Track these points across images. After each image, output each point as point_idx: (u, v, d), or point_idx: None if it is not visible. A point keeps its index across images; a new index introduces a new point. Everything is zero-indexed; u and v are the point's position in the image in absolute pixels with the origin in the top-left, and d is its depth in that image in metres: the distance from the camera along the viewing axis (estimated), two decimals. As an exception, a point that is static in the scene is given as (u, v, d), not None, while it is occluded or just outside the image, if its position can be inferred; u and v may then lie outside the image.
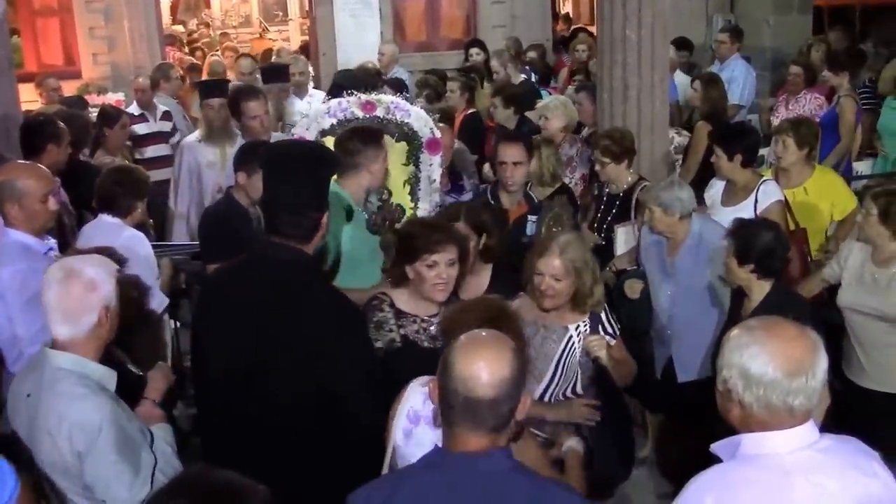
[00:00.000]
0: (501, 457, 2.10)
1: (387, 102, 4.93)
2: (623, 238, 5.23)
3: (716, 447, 2.18)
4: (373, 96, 4.97)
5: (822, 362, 2.09)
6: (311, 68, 8.48)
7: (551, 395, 3.66)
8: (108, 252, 3.49)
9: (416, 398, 2.70)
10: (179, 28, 15.58)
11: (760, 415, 2.08)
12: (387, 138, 4.69)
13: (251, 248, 3.11)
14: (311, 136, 4.83)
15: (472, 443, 2.08)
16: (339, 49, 11.11)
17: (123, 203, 4.58)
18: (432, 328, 3.40)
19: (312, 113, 5.01)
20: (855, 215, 5.20)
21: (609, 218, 5.36)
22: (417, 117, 4.98)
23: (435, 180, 5.01)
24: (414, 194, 4.97)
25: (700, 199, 5.32)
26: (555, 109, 6.22)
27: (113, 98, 8.99)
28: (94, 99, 8.65)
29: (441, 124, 5.41)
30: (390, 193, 4.78)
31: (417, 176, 5.00)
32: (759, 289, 3.91)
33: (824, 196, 5.31)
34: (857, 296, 4.29)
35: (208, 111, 6.16)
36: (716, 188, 5.39)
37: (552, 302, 3.65)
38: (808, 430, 2.12)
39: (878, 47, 8.68)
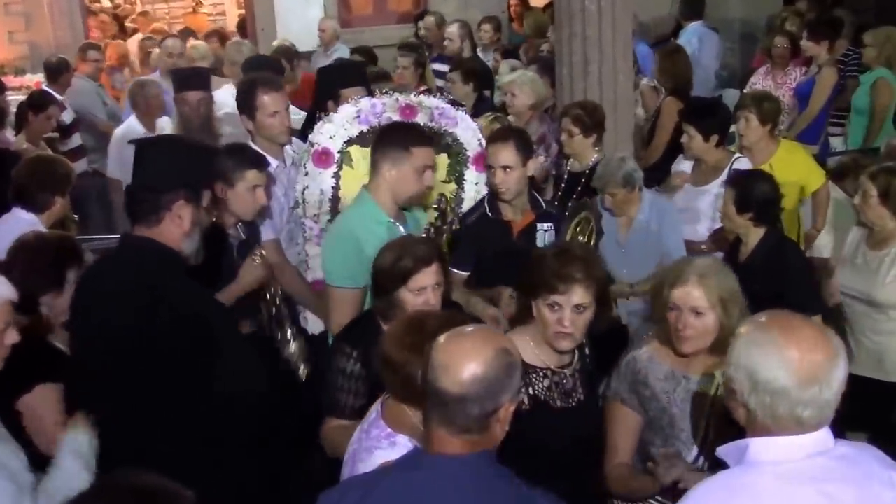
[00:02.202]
0: (482, 460, 2.09)
1: (430, 107, 4.50)
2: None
3: (722, 451, 2.15)
4: (413, 98, 4.53)
5: (840, 371, 2.03)
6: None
7: (706, 461, 3.07)
8: None
9: None
10: (105, 2, 15.25)
11: (765, 422, 2.05)
12: None
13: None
14: (335, 146, 4.41)
15: (448, 444, 2.09)
16: (278, 25, 10.94)
17: (40, 197, 4.48)
18: (566, 381, 3.10)
19: (337, 118, 4.45)
20: (825, 192, 5.50)
21: (573, 197, 5.24)
22: (465, 127, 4.57)
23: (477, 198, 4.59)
24: (453, 219, 4.55)
25: (664, 179, 5.58)
26: (522, 85, 6.12)
27: (32, 80, 8.83)
28: (10, 81, 8.50)
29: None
30: (447, 201, 4.47)
31: (460, 196, 4.60)
32: (755, 235, 4.28)
33: (791, 172, 5.32)
34: (847, 278, 4.42)
35: (183, 107, 5.47)
36: (682, 168, 5.44)
37: (693, 345, 3.06)
38: (823, 436, 2.06)
39: (849, 15, 8.74)
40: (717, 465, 2.23)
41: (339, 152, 4.44)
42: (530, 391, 3.01)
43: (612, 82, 5.73)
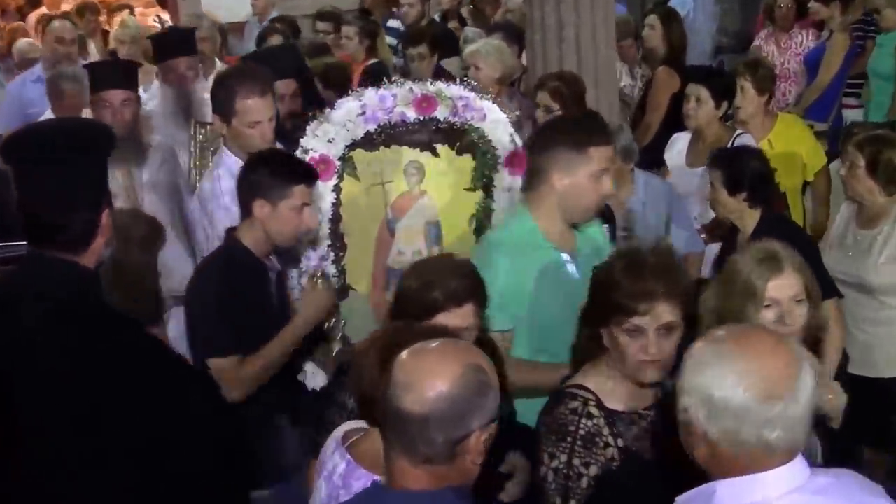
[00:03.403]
0: (456, 498, 2.02)
1: (452, 97, 3.99)
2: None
3: (683, 501, 2.03)
4: (430, 87, 4.02)
5: (807, 382, 1.92)
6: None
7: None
8: None
9: None
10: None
11: (731, 453, 1.92)
12: (444, 151, 4.05)
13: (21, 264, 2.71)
14: (335, 152, 3.93)
15: (410, 476, 2.01)
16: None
17: None
18: (657, 424, 2.80)
19: (337, 116, 3.94)
20: (824, 179, 5.32)
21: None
22: (495, 120, 4.06)
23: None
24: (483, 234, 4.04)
25: (659, 161, 5.40)
26: (487, 56, 5.75)
27: None
28: None
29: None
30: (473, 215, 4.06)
31: (489, 207, 4.11)
32: (752, 217, 4.13)
33: (793, 147, 5.20)
34: (836, 260, 4.31)
35: (101, 111, 4.57)
36: (678, 146, 5.31)
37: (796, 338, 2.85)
38: (797, 467, 1.95)
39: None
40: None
41: (339, 159, 3.98)
42: (619, 442, 2.69)
43: (592, 50, 5.45)
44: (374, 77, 6.39)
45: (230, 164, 3.87)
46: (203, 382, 3.08)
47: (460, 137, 4.04)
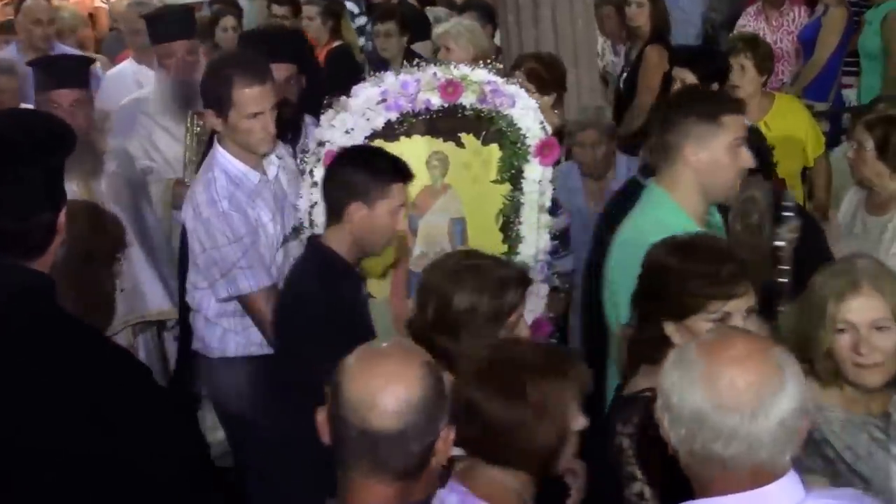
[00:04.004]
0: None
1: (479, 82, 3.79)
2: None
3: None
4: (455, 71, 3.81)
5: (784, 400, 1.80)
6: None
7: None
8: None
9: None
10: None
11: (691, 465, 1.86)
12: (468, 140, 3.84)
13: None
14: (354, 142, 3.68)
15: (374, 493, 1.95)
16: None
17: None
18: None
19: (356, 104, 3.71)
20: (824, 164, 5.31)
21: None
22: (525, 106, 3.86)
23: (547, 207, 3.93)
24: (511, 231, 3.86)
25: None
26: (458, 37, 5.58)
27: None
28: None
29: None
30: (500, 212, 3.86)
31: (518, 201, 3.90)
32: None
33: (792, 129, 5.11)
34: (843, 248, 4.15)
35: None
36: None
37: (882, 373, 2.61)
38: (785, 487, 1.83)
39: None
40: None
41: None
42: None
43: (570, 30, 5.46)
44: (340, 62, 6.21)
45: (225, 165, 3.60)
46: (171, 397, 3.05)
47: (486, 126, 3.84)
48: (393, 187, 3.24)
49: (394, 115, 3.70)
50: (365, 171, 3.24)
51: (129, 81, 5.47)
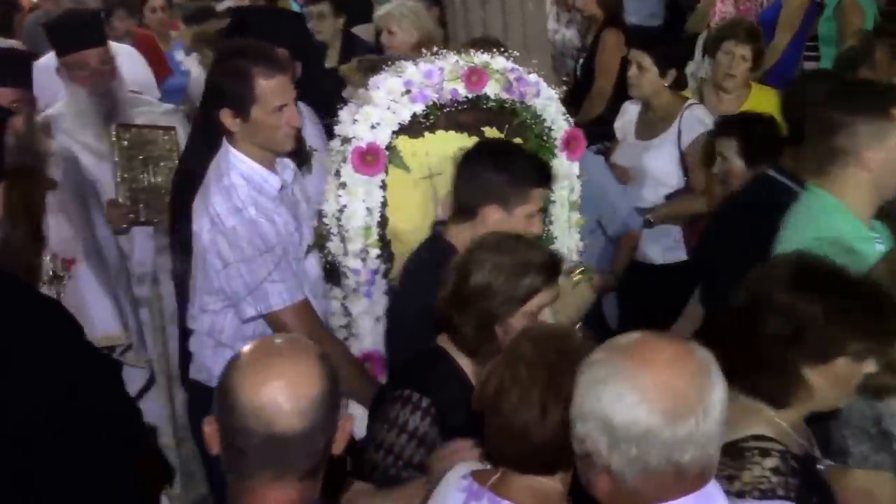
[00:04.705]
0: None
1: (503, 71, 3.63)
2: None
3: None
4: (478, 59, 3.63)
5: (716, 393, 1.81)
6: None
7: None
8: None
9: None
10: None
11: (637, 484, 1.81)
12: (492, 135, 3.65)
13: None
14: (382, 138, 3.49)
15: (277, 499, 1.92)
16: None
17: None
18: None
19: (379, 96, 3.51)
20: None
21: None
22: (548, 97, 3.74)
23: (578, 203, 3.85)
24: (542, 232, 3.71)
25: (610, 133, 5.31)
26: (402, 19, 5.54)
27: None
28: None
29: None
30: None
31: (548, 199, 3.76)
32: None
33: None
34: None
35: None
36: (628, 116, 5.18)
37: None
38: (710, 495, 1.85)
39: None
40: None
41: (386, 148, 3.55)
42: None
43: (520, 12, 5.27)
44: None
45: (243, 169, 3.30)
46: (105, 363, 2.98)
47: (509, 118, 3.68)
48: (533, 192, 3.23)
49: (420, 108, 3.51)
50: (507, 173, 3.21)
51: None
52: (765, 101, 5.10)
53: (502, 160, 3.27)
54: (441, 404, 2.70)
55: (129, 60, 5.21)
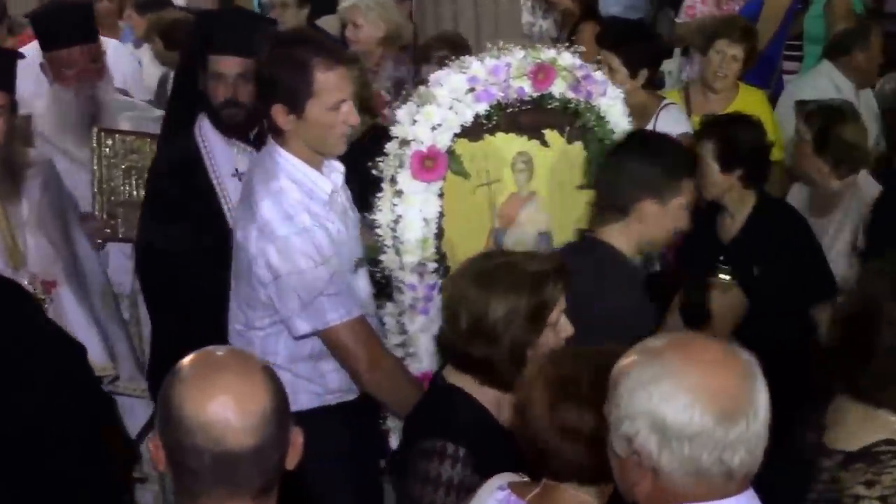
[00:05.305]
0: None
1: (570, 68, 3.44)
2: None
3: None
4: (545, 55, 3.43)
5: (762, 394, 1.82)
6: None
7: None
8: None
9: None
10: None
11: (685, 484, 1.82)
12: (552, 138, 3.48)
13: None
14: (442, 142, 3.31)
15: None
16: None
17: None
18: None
19: (442, 94, 3.32)
20: (781, 178, 5.25)
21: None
22: (613, 97, 3.59)
23: None
24: None
25: None
26: (368, 11, 5.46)
27: None
28: None
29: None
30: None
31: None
32: (747, 202, 3.90)
33: None
34: None
35: None
36: None
37: None
38: (754, 497, 1.89)
39: None
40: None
41: (447, 152, 3.38)
42: None
43: (492, 6, 5.60)
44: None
45: (293, 172, 3.10)
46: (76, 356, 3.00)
47: (571, 119, 3.50)
48: (685, 183, 3.21)
49: (483, 107, 3.33)
50: (660, 164, 3.17)
51: (37, 71, 4.46)
52: (753, 102, 5.08)
53: (653, 151, 3.23)
54: (474, 446, 2.62)
55: (114, 54, 4.97)
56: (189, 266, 3.57)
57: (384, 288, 3.39)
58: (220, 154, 3.65)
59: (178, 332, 3.50)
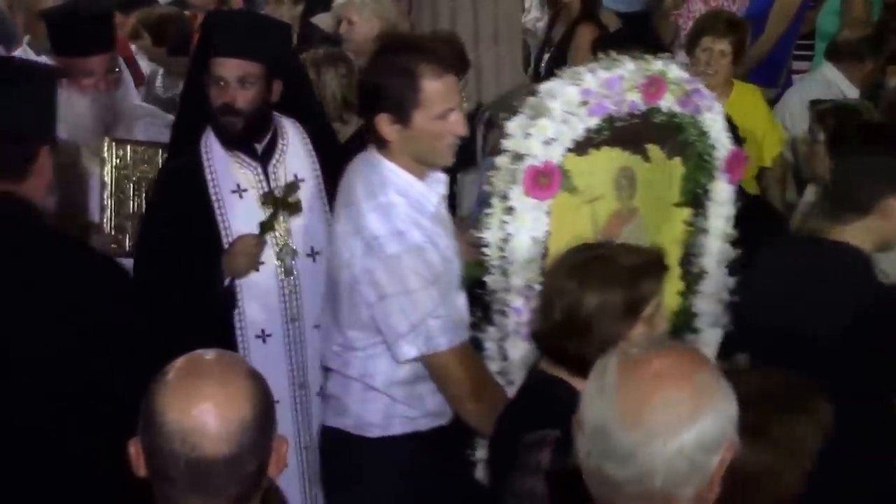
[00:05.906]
0: None
1: (679, 81, 3.32)
2: (471, 189, 4.58)
3: None
4: (655, 66, 3.32)
5: (691, 429, 1.67)
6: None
7: None
8: None
9: None
10: None
11: (594, 489, 1.77)
12: (654, 152, 3.35)
13: None
14: (557, 156, 3.15)
15: None
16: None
17: None
18: None
19: (556, 106, 3.19)
20: (780, 167, 5.30)
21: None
22: (718, 112, 3.44)
23: (732, 236, 3.57)
24: (693, 265, 3.49)
25: None
26: (363, 8, 5.43)
27: None
28: None
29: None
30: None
31: (702, 228, 3.53)
32: None
33: (749, 124, 4.88)
34: None
35: None
36: None
37: None
38: None
39: None
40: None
41: (560, 168, 3.24)
42: None
43: (492, 3, 5.38)
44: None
45: (401, 184, 3.01)
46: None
47: (673, 134, 3.37)
48: None
49: (595, 121, 3.18)
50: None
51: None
52: (747, 99, 5.10)
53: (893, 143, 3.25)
54: (561, 453, 2.51)
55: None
56: (175, 293, 3.41)
57: (484, 310, 3.22)
58: (222, 168, 3.48)
59: (169, 343, 3.36)
